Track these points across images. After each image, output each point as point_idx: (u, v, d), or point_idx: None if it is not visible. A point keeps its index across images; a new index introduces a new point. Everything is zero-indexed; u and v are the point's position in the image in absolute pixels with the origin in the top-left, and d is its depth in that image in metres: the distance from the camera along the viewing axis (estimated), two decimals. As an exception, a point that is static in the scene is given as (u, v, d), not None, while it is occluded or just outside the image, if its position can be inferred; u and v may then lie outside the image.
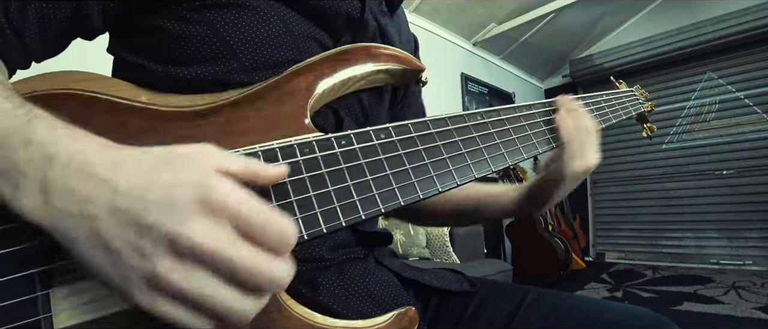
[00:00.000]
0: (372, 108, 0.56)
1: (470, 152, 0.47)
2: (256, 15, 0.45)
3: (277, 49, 0.46)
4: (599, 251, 4.58)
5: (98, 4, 0.43)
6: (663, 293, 2.98)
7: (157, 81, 0.42)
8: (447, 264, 2.28)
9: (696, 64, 4.03)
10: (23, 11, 0.40)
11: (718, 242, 3.86)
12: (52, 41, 0.43)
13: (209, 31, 0.43)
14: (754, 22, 3.52)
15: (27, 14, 0.40)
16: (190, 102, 0.39)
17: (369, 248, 0.57)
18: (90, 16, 0.43)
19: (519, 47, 4.13)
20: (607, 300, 0.60)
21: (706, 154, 3.98)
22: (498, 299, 0.61)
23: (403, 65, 0.48)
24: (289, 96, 0.40)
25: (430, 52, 3.26)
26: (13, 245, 0.30)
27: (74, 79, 0.37)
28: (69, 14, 0.42)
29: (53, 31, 0.42)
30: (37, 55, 0.43)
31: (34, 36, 0.41)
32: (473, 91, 3.85)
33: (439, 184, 0.43)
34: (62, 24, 0.42)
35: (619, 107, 0.77)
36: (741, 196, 3.76)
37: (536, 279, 3.28)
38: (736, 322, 2.25)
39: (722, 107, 3.93)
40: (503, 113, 0.54)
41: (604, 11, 3.97)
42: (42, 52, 0.44)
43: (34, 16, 0.40)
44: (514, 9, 3.51)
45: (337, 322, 0.37)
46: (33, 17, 0.40)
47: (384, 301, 0.51)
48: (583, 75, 4.48)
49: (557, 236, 3.42)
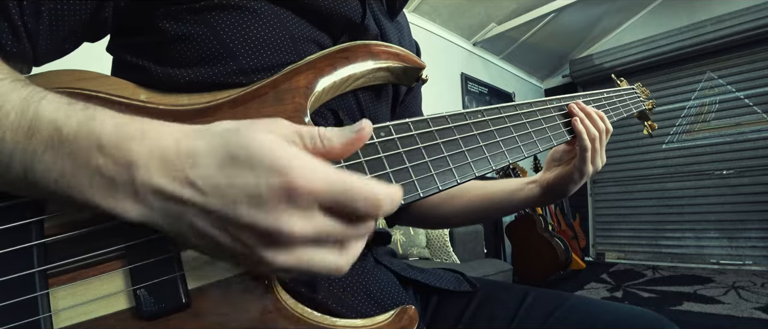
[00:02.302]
0: (370, 108, 0.56)
1: (471, 150, 0.47)
2: (256, 17, 0.45)
3: (277, 51, 0.45)
4: (599, 251, 4.58)
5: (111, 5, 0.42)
6: (663, 293, 2.98)
7: (157, 82, 0.42)
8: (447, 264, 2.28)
9: (696, 64, 4.03)
10: (38, 12, 0.38)
11: (718, 242, 3.86)
12: (60, 45, 0.41)
13: (209, 33, 0.43)
14: (754, 22, 3.52)
15: (42, 16, 0.38)
16: (189, 101, 0.39)
17: (367, 247, 0.57)
18: (109, 18, 0.42)
19: (519, 47, 4.13)
20: (607, 300, 0.60)
21: (706, 154, 3.98)
22: (498, 299, 0.61)
23: (403, 63, 0.48)
24: (289, 94, 0.40)
25: (430, 52, 3.26)
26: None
27: (74, 78, 0.37)
28: (86, 16, 0.41)
29: (64, 34, 0.40)
30: (42, 58, 0.41)
31: (46, 39, 0.39)
32: (473, 91, 3.85)
33: (440, 182, 0.43)
34: (76, 27, 0.41)
35: (620, 104, 0.77)
36: (741, 196, 3.77)
37: (536, 279, 3.28)
38: (736, 322, 2.25)
39: (722, 107, 3.93)
40: (504, 111, 0.54)
41: (604, 11, 3.97)
42: (48, 56, 0.42)
43: (48, 18, 0.38)
44: (514, 9, 3.51)
45: (337, 321, 0.36)
46: (47, 18, 0.38)
47: (383, 300, 0.51)
48: (583, 75, 4.48)
49: (557, 236, 3.42)
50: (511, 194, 0.70)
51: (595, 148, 0.63)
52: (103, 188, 0.28)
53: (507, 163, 0.51)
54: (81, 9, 0.40)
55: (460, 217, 0.75)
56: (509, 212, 0.74)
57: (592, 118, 0.63)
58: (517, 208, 0.71)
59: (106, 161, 0.28)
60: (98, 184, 0.28)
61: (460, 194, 0.72)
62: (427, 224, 0.83)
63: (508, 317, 0.57)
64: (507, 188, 0.70)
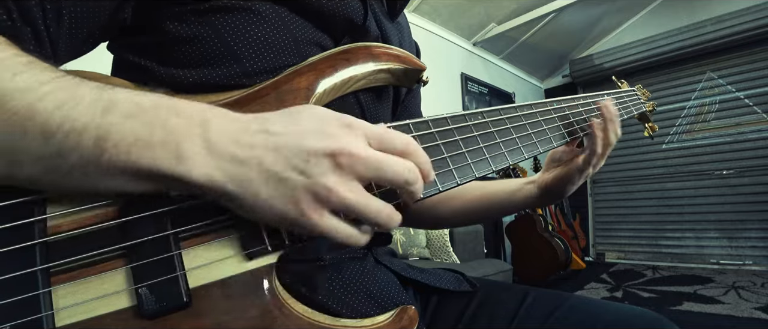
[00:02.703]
0: (371, 110, 0.56)
1: (471, 152, 0.47)
2: (260, 20, 0.45)
3: (279, 53, 0.46)
4: (599, 251, 4.58)
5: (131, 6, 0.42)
6: (663, 293, 2.98)
7: (159, 82, 0.42)
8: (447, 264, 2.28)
9: (696, 64, 4.03)
10: (59, 16, 0.37)
11: (718, 242, 3.86)
12: (77, 47, 0.41)
13: (213, 34, 0.43)
14: (754, 22, 3.51)
15: (62, 20, 0.38)
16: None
17: (367, 247, 0.57)
18: (126, 19, 0.42)
19: (519, 47, 4.13)
20: (607, 300, 0.60)
21: (706, 154, 3.98)
22: (498, 299, 0.61)
23: (404, 65, 0.48)
24: (290, 95, 0.40)
25: (430, 52, 3.26)
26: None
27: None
28: (105, 19, 0.41)
29: (83, 36, 0.40)
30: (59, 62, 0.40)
31: (65, 42, 0.39)
32: (473, 91, 3.85)
33: (440, 183, 0.43)
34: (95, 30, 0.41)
35: (621, 107, 0.77)
36: (741, 196, 3.76)
37: (536, 279, 3.28)
38: (736, 322, 2.25)
39: (722, 107, 3.92)
40: (505, 113, 0.54)
41: (604, 11, 3.97)
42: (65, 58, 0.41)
43: (68, 22, 0.38)
44: (514, 9, 3.51)
45: (337, 321, 0.37)
46: (67, 22, 0.38)
47: (383, 300, 0.51)
48: (583, 75, 4.48)
49: (557, 236, 3.42)
50: (510, 195, 0.70)
51: (605, 153, 0.64)
52: (174, 151, 0.30)
53: (507, 164, 0.51)
54: (100, 11, 0.40)
55: (458, 217, 0.75)
56: (508, 213, 0.74)
57: (614, 126, 0.64)
58: (516, 209, 0.72)
59: (181, 121, 0.31)
60: (171, 147, 0.30)
61: (459, 195, 0.73)
62: (424, 225, 0.83)
63: (508, 317, 0.58)
64: (505, 188, 0.71)
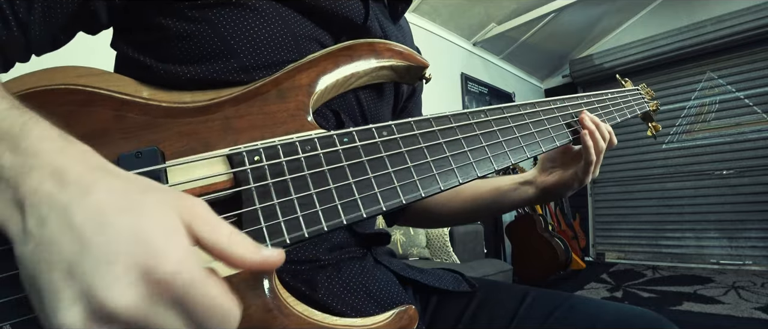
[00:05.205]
0: (371, 109, 0.56)
1: (473, 151, 0.47)
2: (258, 15, 0.45)
3: (278, 49, 0.45)
4: (599, 251, 4.58)
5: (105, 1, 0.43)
6: (663, 293, 2.98)
7: (158, 78, 0.42)
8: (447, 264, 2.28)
9: (696, 64, 4.03)
10: (30, 2, 0.39)
11: (718, 242, 3.86)
12: (54, 35, 0.43)
13: (210, 30, 0.43)
14: (754, 22, 3.51)
15: (33, 5, 0.39)
16: (191, 98, 0.39)
17: (367, 247, 0.57)
18: (97, 11, 0.43)
19: (519, 47, 4.13)
20: (607, 300, 0.60)
21: (706, 154, 3.98)
22: (498, 299, 0.60)
23: (406, 62, 0.48)
24: (292, 92, 0.40)
25: (430, 52, 3.24)
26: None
27: (77, 75, 0.37)
28: (75, 9, 0.42)
29: (57, 25, 0.42)
30: (38, 49, 0.43)
31: (39, 28, 0.40)
32: (473, 91, 3.85)
33: (442, 182, 0.43)
34: (66, 18, 0.42)
35: (624, 106, 0.76)
36: (741, 196, 3.76)
37: (536, 279, 3.28)
38: (736, 322, 2.25)
39: (722, 107, 3.92)
40: (507, 111, 0.53)
41: (604, 11, 3.97)
42: (43, 46, 0.43)
43: (40, 8, 0.40)
44: (514, 9, 3.50)
45: (338, 320, 0.36)
46: (39, 8, 0.40)
47: (383, 300, 0.51)
48: (583, 75, 4.48)
49: (557, 236, 3.42)
50: (504, 194, 0.71)
51: (600, 160, 0.65)
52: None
53: (509, 164, 0.50)
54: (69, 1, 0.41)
55: (457, 217, 0.76)
56: (504, 212, 0.76)
57: (602, 132, 0.64)
58: (512, 207, 0.73)
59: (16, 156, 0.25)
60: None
61: (455, 196, 0.73)
62: (423, 225, 0.84)
63: (508, 317, 0.57)
64: (500, 187, 0.71)
